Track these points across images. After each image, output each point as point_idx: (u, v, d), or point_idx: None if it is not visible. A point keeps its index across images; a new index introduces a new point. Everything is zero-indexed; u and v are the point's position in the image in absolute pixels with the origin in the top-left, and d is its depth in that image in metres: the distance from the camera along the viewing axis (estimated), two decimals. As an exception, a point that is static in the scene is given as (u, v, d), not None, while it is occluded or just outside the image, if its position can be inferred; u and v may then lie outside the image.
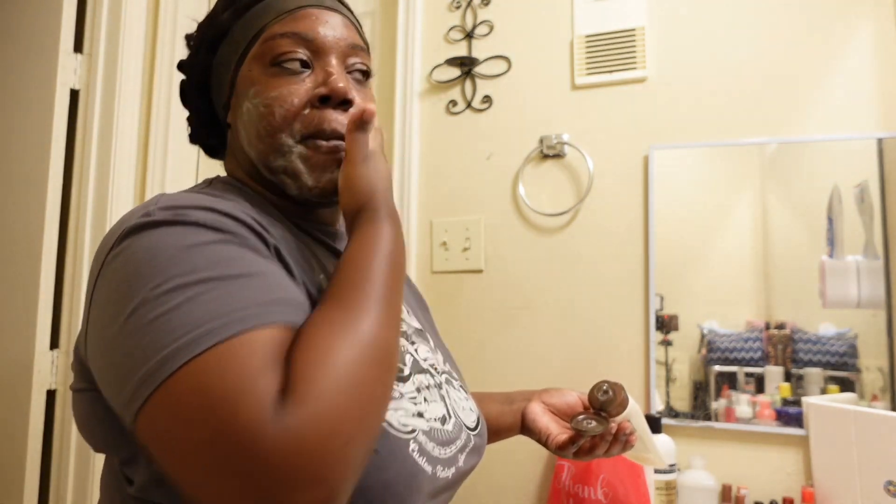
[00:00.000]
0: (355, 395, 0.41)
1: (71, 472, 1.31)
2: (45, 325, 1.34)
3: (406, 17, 1.56)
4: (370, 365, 0.43)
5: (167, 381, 0.40)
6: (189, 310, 0.42)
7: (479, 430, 0.68)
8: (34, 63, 1.40)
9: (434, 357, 0.68)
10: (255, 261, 0.48)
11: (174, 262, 0.45)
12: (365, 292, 0.47)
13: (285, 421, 0.38)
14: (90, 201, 1.38)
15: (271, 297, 0.45)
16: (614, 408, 0.74)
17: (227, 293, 0.43)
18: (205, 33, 0.65)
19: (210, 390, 0.39)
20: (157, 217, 0.48)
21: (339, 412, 0.40)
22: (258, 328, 0.42)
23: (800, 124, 1.28)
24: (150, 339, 0.42)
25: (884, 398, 1.16)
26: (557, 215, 1.42)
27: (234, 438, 0.37)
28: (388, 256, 0.52)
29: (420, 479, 0.53)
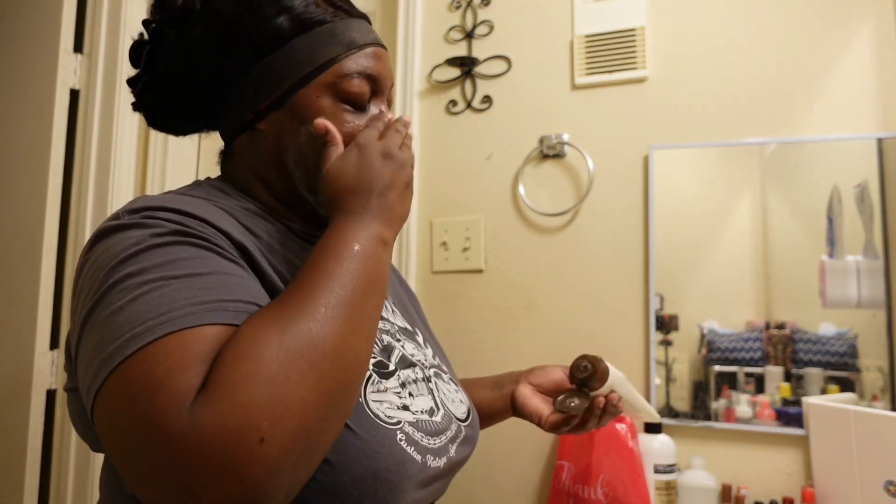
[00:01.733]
0: (272, 393, 0.40)
1: (71, 472, 1.31)
2: (45, 326, 1.34)
3: (406, 17, 1.56)
4: (297, 363, 0.42)
5: (106, 380, 0.43)
6: (131, 310, 0.44)
7: (469, 422, 0.68)
8: (34, 63, 1.40)
9: (422, 352, 0.69)
10: (209, 261, 0.49)
11: (126, 263, 0.47)
12: (312, 293, 0.47)
13: (197, 414, 0.39)
14: (90, 201, 1.38)
15: (214, 297, 0.46)
16: (595, 382, 0.75)
17: (169, 293, 0.45)
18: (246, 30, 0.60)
19: (130, 391, 0.41)
20: (122, 220, 0.50)
21: (251, 408, 0.39)
22: (192, 328, 0.43)
23: (800, 124, 1.28)
24: (99, 339, 0.44)
25: (884, 398, 1.16)
26: (557, 215, 1.42)
27: (150, 433, 0.39)
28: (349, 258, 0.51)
29: (409, 468, 0.53)
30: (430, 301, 1.50)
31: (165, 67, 0.63)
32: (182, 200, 0.53)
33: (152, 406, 0.40)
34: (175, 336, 0.43)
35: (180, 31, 0.62)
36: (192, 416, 0.39)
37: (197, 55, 0.62)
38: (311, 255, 0.52)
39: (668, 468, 1.20)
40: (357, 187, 0.56)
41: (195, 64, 0.62)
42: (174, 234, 0.49)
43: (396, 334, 0.67)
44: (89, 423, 0.54)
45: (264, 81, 0.61)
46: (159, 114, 0.68)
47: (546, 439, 1.37)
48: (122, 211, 0.52)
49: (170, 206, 0.51)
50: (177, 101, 0.65)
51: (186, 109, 0.66)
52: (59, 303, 1.38)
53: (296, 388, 0.42)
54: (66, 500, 1.30)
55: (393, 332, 0.67)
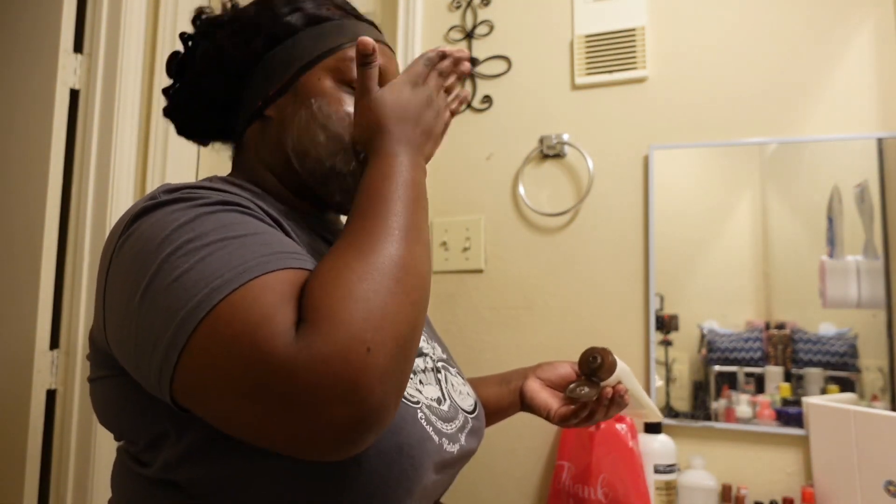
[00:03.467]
0: (367, 308, 0.44)
1: (71, 472, 1.31)
2: (45, 325, 1.33)
3: (406, 17, 1.56)
4: (380, 279, 0.46)
5: (192, 336, 0.43)
6: (201, 269, 0.45)
7: (476, 414, 0.69)
8: (34, 63, 1.40)
9: (430, 346, 0.70)
10: (258, 224, 0.51)
11: (181, 231, 0.48)
12: (371, 214, 0.50)
13: (303, 343, 0.41)
14: (90, 201, 1.38)
15: (278, 249, 0.48)
16: (604, 372, 0.76)
17: (234, 250, 0.47)
18: (264, 27, 0.66)
19: (228, 333, 0.42)
20: (161, 199, 0.52)
21: (352, 324, 0.42)
22: (268, 273, 0.45)
23: (800, 124, 1.28)
24: (169, 304, 0.45)
25: (884, 398, 1.16)
26: (557, 215, 1.42)
27: (261, 368, 0.41)
28: (403, 183, 0.54)
29: (429, 446, 0.55)
30: (430, 301, 1.49)
31: (194, 72, 0.68)
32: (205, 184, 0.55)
33: (257, 344, 0.41)
34: (258, 281, 0.45)
35: (210, 37, 0.68)
36: (301, 344, 0.41)
37: (220, 53, 0.66)
38: (367, 180, 0.54)
39: (668, 468, 1.20)
40: (406, 117, 0.58)
41: (218, 61, 0.67)
42: (220, 204, 0.51)
43: None
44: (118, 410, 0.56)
45: (273, 68, 0.65)
46: (184, 120, 0.72)
47: (546, 439, 1.37)
48: (157, 192, 0.53)
49: (204, 185, 0.54)
50: (199, 103, 0.69)
51: (207, 110, 0.70)
52: (59, 303, 1.37)
53: (387, 302, 0.45)
54: (66, 500, 1.30)
55: None
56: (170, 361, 0.44)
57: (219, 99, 0.68)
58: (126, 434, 0.57)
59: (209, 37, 0.68)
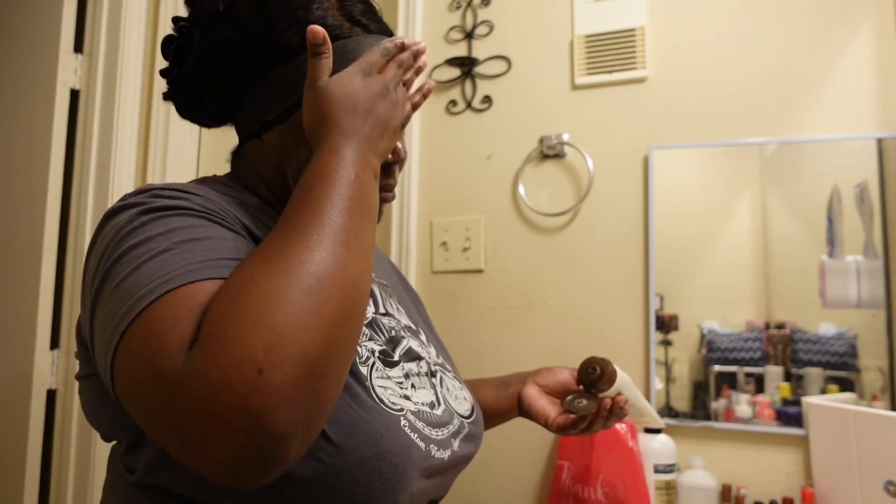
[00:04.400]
0: (266, 323, 0.40)
1: (71, 473, 1.31)
2: (45, 325, 1.34)
3: (406, 17, 1.56)
4: (288, 291, 0.42)
5: (117, 347, 0.44)
6: (135, 277, 0.45)
7: (473, 419, 0.68)
8: (34, 63, 1.40)
9: (426, 350, 0.70)
10: (210, 228, 0.50)
11: (130, 236, 0.48)
12: (302, 220, 0.46)
13: (191, 361, 0.40)
14: (90, 201, 1.38)
15: (210, 256, 0.47)
16: (603, 384, 0.75)
17: (169, 257, 0.46)
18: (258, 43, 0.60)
19: (137, 349, 0.42)
20: (127, 201, 0.52)
21: (244, 342, 0.39)
22: (186, 285, 0.44)
23: (800, 124, 1.28)
24: (108, 311, 0.46)
25: (884, 398, 1.16)
26: (557, 215, 1.42)
27: (154, 389, 0.40)
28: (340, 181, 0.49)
29: (413, 453, 0.54)
30: (430, 301, 1.50)
31: (191, 64, 0.64)
32: (187, 186, 0.55)
33: (153, 364, 0.41)
34: (170, 294, 0.44)
35: (205, 32, 0.63)
36: (187, 364, 0.40)
37: (216, 59, 0.62)
38: (304, 178, 0.50)
39: (668, 468, 1.20)
40: (356, 108, 0.54)
41: (214, 67, 0.62)
42: (175, 208, 0.50)
43: (402, 331, 0.67)
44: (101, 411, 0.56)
45: (272, 94, 0.61)
46: (184, 105, 0.68)
47: (546, 439, 1.37)
48: (128, 194, 0.54)
49: (175, 187, 0.53)
50: (198, 97, 0.66)
51: (205, 107, 0.67)
52: (59, 303, 1.38)
53: (291, 316, 0.41)
54: (66, 500, 1.30)
55: (398, 328, 0.67)
56: (107, 369, 0.45)
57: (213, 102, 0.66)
58: (110, 435, 0.58)
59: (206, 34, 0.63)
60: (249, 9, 0.61)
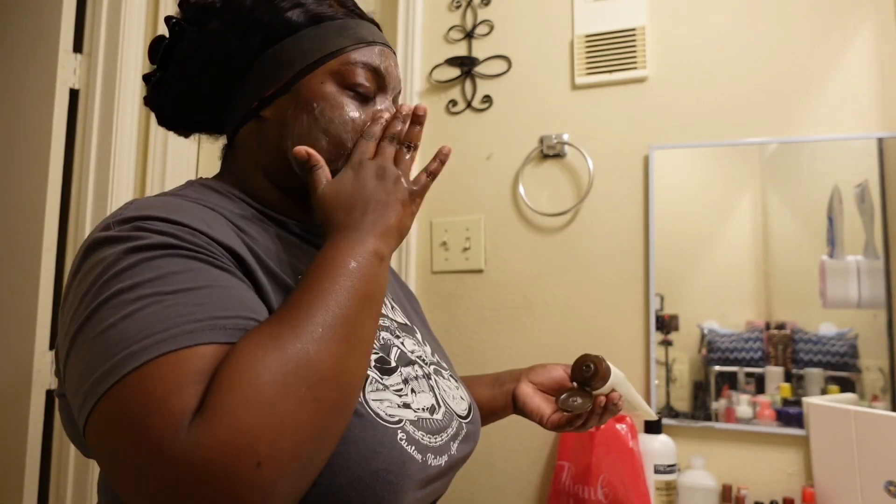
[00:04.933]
0: (270, 416, 0.40)
1: (70, 473, 1.30)
2: (45, 326, 1.33)
3: (406, 16, 1.56)
4: (294, 386, 0.42)
5: (100, 399, 0.42)
6: (124, 327, 0.43)
7: (471, 418, 0.68)
8: (34, 63, 1.40)
9: (421, 349, 0.69)
10: (202, 273, 0.48)
11: (119, 277, 0.46)
12: (308, 312, 0.47)
13: (193, 437, 0.39)
14: (90, 201, 1.38)
15: (210, 314, 0.46)
16: (597, 381, 0.76)
17: (162, 309, 0.44)
18: (259, 20, 0.62)
19: (129, 409, 0.41)
20: (112, 232, 0.50)
21: (249, 432, 0.39)
22: (188, 347, 0.43)
23: (800, 124, 1.28)
24: (91, 356, 0.44)
25: (884, 398, 1.16)
26: (557, 215, 1.42)
27: (146, 455, 0.39)
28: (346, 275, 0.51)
29: (409, 467, 0.53)
30: (429, 301, 1.49)
31: (181, 61, 0.65)
32: (173, 206, 0.53)
33: (148, 429, 0.39)
34: (171, 356, 0.42)
35: (200, 26, 0.64)
36: (189, 440, 0.38)
37: (212, 45, 0.63)
38: (307, 274, 0.51)
39: (668, 468, 1.19)
40: (351, 205, 0.57)
41: (210, 54, 0.63)
42: (164, 247, 0.48)
43: (396, 331, 0.67)
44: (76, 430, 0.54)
45: (272, 68, 0.62)
46: (168, 110, 0.69)
47: (546, 440, 1.36)
48: (112, 221, 0.51)
49: (160, 216, 0.51)
50: (187, 94, 0.66)
51: (195, 103, 0.67)
52: (59, 303, 1.37)
53: (292, 412, 0.41)
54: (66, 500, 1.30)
55: (392, 328, 0.66)
56: (83, 414, 0.44)
57: (208, 93, 0.65)
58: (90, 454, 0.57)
59: (199, 24, 0.63)
60: None
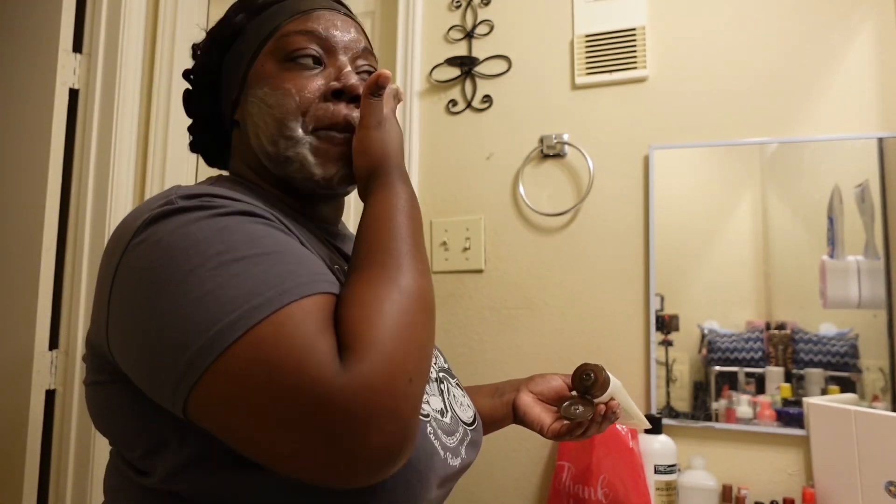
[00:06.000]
0: (407, 340, 0.45)
1: (70, 473, 1.30)
2: (45, 326, 1.33)
3: (406, 16, 1.56)
4: (414, 312, 0.48)
5: (226, 353, 0.42)
6: (237, 284, 0.44)
7: (475, 426, 0.69)
8: (34, 63, 1.40)
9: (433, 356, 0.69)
10: (284, 239, 0.50)
11: (210, 242, 0.46)
12: (396, 249, 0.52)
13: (350, 372, 0.42)
14: (89, 201, 1.38)
15: (311, 269, 0.48)
16: (598, 389, 0.77)
17: (269, 267, 0.46)
18: (217, 34, 0.66)
19: (273, 356, 0.42)
20: (180, 204, 0.49)
21: (397, 356, 0.44)
22: (306, 297, 0.45)
23: (800, 124, 1.28)
24: (200, 317, 0.43)
25: (885, 398, 1.16)
26: (557, 215, 1.42)
27: (306, 396, 0.40)
28: (407, 213, 0.56)
29: (435, 461, 0.54)
30: (429, 301, 1.49)
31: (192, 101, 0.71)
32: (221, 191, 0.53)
33: (303, 371, 0.41)
34: (297, 304, 0.44)
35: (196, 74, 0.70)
36: (349, 373, 0.41)
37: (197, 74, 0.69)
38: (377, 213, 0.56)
39: (668, 468, 1.19)
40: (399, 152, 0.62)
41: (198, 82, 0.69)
42: (243, 214, 0.50)
43: None
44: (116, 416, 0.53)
45: (231, 72, 0.65)
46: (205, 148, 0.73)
47: (546, 440, 1.36)
48: (173, 197, 0.50)
49: (219, 194, 0.52)
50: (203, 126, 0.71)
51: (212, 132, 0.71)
52: (59, 303, 1.37)
53: (420, 333, 0.47)
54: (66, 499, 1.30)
55: None
56: (192, 375, 0.42)
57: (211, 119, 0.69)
58: (121, 441, 0.55)
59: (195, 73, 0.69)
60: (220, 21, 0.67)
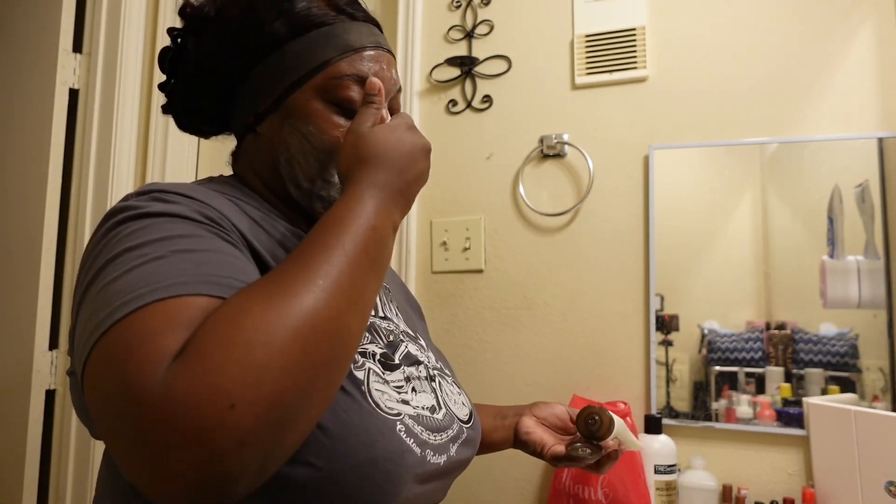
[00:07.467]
0: (249, 359, 0.39)
1: (70, 473, 1.30)
2: (45, 326, 1.33)
3: (406, 16, 1.56)
4: (280, 332, 0.40)
5: (93, 347, 0.43)
6: (125, 280, 0.44)
7: (472, 424, 0.69)
8: (34, 63, 1.40)
9: (424, 355, 0.70)
10: (208, 240, 0.49)
11: (128, 238, 0.48)
12: (311, 263, 0.45)
13: (168, 377, 0.38)
14: (89, 201, 1.37)
15: (203, 271, 0.46)
16: (603, 432, 0.79)
17: (163, 265, 0.45)
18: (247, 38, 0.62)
19: (111, 354, 0.41)
20: (130, 202, 0.52)
21: (224, 372, 0.38)
22: (179, 296, 0.43)
23: (800, 124, 1.28)
24: (92, 310, 0.45)
25: (884, 398, 1.16)
26: (557, 215, 1.42)
27: (124, 395, 0.39)
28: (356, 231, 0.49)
29: (408, 458, 0.53)
30: (430, 301, 1.49)
31: (183, 72, 0.67)
32: (191, 188, 0.54)
33: (127, 369, 0.39)
34: (161, 304, 0.42)
35: (197, 38, 0.65)
36: (164, 379, 0.38)
37: (208, 60, 0.65)
38: (322, 220, 0.50)
39: (668, 468, 1.19)
40: (392, 163, 0.55)
41: (207, 68, 0.65)
42: (175, 214, 0.50)
43: (400, 335, 0.68)
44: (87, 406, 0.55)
45: (261, 85, 0.63)
46: (183, 116, 0.71)
47: (546, 439, 1.36)
48: (131, 194, 0.53)
49: (178, 192, 0.53)
50: (195, 103, 0.68)
51: (203, 112, 0.69)
52: (59, 303, 1.37)
53: (276, 357, 0.39)
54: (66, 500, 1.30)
55: (397, 332, 0.67)
56: (81, 366, 0.44)
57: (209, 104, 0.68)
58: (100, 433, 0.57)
59: (196, 35, 0.65)
60: (238, 6, 0.63)
